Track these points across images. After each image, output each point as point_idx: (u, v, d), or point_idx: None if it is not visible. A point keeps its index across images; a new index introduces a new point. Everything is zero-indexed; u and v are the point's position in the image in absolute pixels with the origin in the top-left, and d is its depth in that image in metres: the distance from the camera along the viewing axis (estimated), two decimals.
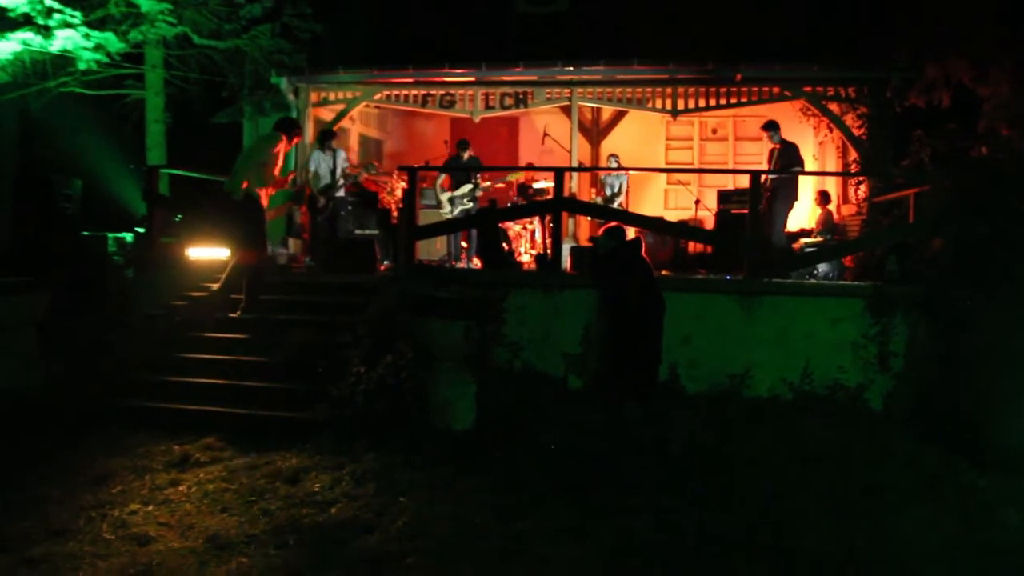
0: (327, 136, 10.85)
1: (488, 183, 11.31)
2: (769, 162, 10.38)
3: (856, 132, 10.74)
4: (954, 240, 7.57)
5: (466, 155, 11.11)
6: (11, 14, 11.12)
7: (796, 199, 10.19)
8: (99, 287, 8.88)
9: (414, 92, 11.94)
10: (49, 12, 11.07)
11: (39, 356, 7.43)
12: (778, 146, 10.18)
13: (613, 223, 8.02)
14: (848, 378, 7.70)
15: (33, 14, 11.11)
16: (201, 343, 7.87)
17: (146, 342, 7.97)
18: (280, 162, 8.26)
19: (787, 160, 10.01)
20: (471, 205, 11.05)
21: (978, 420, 6.68)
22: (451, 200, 11.13)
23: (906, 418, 7.33)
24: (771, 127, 10.27)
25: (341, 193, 10.61)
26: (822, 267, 9.74)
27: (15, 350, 7.24)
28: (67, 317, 8.11)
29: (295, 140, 8.74)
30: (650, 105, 11.57)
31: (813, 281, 9.01)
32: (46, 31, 11.21)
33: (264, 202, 8.26)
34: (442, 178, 11.34)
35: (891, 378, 7.69)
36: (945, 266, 7.58)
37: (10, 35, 11.19)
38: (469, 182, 11.06)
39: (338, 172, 10.60)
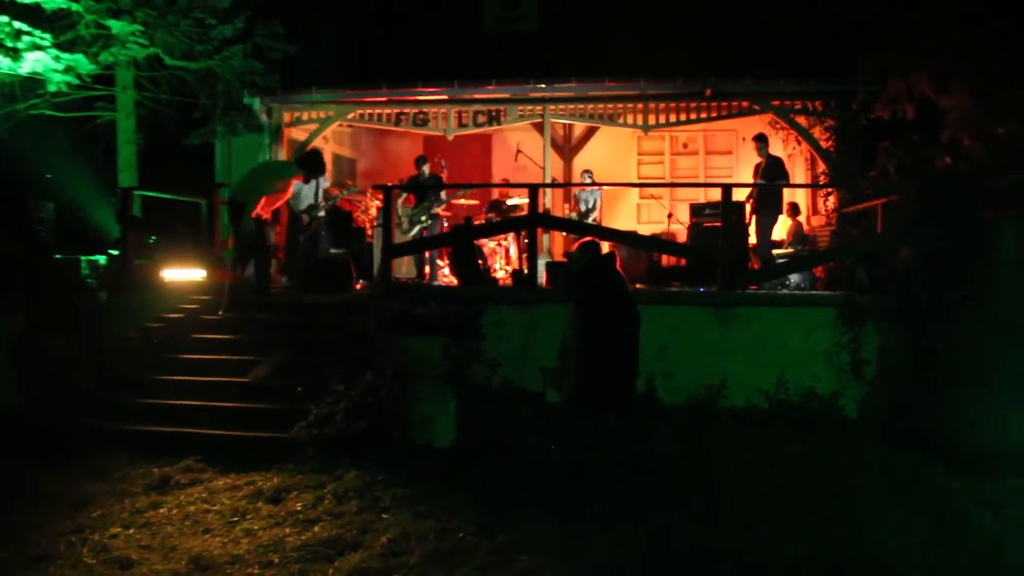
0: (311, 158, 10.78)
1: (446, 200, 11.26)
2: (755, 176, 10.56)
3: (824, 145, 10.97)
4: (920, 249, 7.73)
5: (426, 170, 11.11)
6: None
7: (781, 211, 10.38)
8: (73, 310, 8.80)
9: (387, 111, 12.00)
10: (18, 34, 11.04)
11: (14, 379, 7.36)
12: (763, 160, 10.35)
13: (587, 238, 8.11)
14: (822, 386, 7.83)
15: (2, 36, 11.06)
16: (179, 365, 7.83)
17: (123, 364, 7.93)
18: (288, 194, 8.77)
19: (772, 174, 10.18)
20: (428, 223, 11.01)
21: (949, 424, 6.82)
22: (409, 218, 11.06)
23: (880, 424, 7.46)
24: (760, 139, 10.43)
25: (322, 213, 10.59)
26: (794, 278, 9.90)
27: None
28: (43, 341, 8.03)
29: (313, 178, 9.20)
30: (621, 121, 11.73)
31: (785, 292, 9.15)
32: (15, 53, 11.17)
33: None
34: (404, 196, 11.24)
35: (864, 385, 7.82)
36: (912, 274, 7.74)
37: None
38: (427, 200, 11.03)
39: (320, 193, 10.58)
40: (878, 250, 8.59)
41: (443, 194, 11.03)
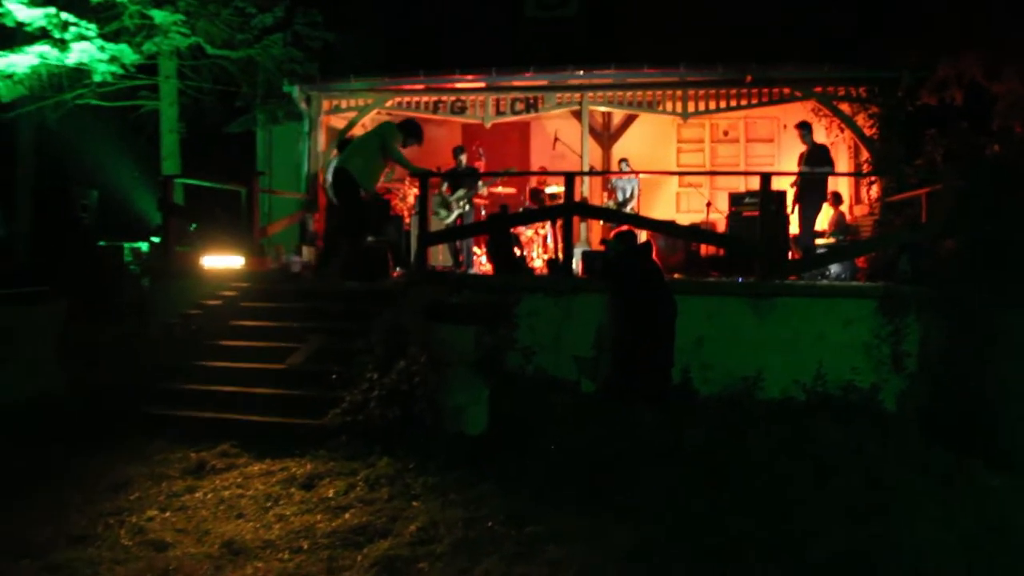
0: (347, 144, 10.84)
1: (483, 189, 11.27)
2: (800, 165, 10.38)
3: (868, 132, 10.74)
4: (966, 239, 7.54)
5: (463, 160, 11.12)
6: (28, 28, 11.31)
7: (825, 200, 10.18)
8: (116, 296, 8.98)
9: (425, 99, 12.01)
10: (65, 26, 11.26)
11: (57, 365, 7.53)
12: (808, 147, 10.16)
13: (624, 227, 8.04)
14: (861, 379, 7.68)
15: (50, 28, 11.30)
16: (217, 351, 7.93)
17: (163, 350, 8.04)
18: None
19: (816, 161, 9.99)
20: (467, 209, 11.03)
21: (992, 420, 6.66)
22: (446, 204, 11.07)
23: (920, 418, 7.30)
24: (803, 126, 10.25)
25: None
26: (834, 268, 9.73)
27: (35, 358, 7.35)
28: (85, 326, 8.21)
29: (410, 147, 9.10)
30: (661, 108, 11.60)
31: (825, 282, 9.00)
32: (62, 44, 11.39)
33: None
34: (444, 186, 11.28)
35: (905, 378, 7.66)
36: (958, 266, 7.54)
37: (27, 49, 11.38)
38: (464, 187, 11.03)
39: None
40: (922, 240, 8.40)
41: (480, 183, 11.03)
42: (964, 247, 7.56)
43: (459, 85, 11.80)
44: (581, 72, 11.38)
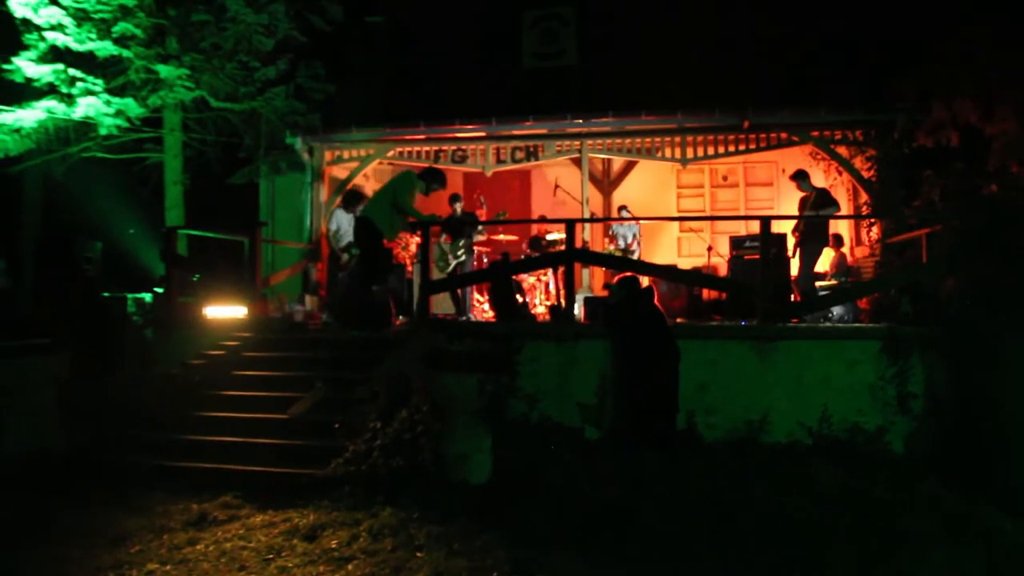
0: (354, 197, 10.94)
1: (482, 235, 11.33)
2: (801, 209, 10.43)
3: (866, 175, 10.81)
4: (967, 279, 7.55)
5: (458, 208, 11.22)
6: (36, 84, 11.50)
7: (825, 244, 10.20)
8: (119, 347, 8.99)
9: (426, 148, 12.14)
10: (73, 81, 11.48)
11: (59, 416, 7.51)
12: (810, 194, 10.20)
13: (626, 273, 8.07)
14: (867, 421, 7.64)
15: (57, 83, 11.52)
16: (219, 401, 7.91)
17: (165, 401, 8.02)
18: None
19: (821, 203, 10.01)
20: (464, 258, 11.08)
21: (1001, 462, 6.60)
22: (444, 254, 11.13)
23: (928, 460, 7.25)
24: (800, 176, 10.26)
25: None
26: (837, 310, 9.73)
27: (35, 410, 7.33)
28: (88, 377, 8.20)
29: (433, 191, 9.28)
30: (660, 154, 11.70)
31: (828, 324, 8.99)
32: (69, 99, 11.59)
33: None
34: (443, 236, 11.35)
35: (911, 420, 7.62)
36: (960, 306, 7.55)
37: (35, 104, 11.58)
38: (462, 237, 11.09)
39: None
40: (923, 280, 8.41)
41: (478, 230, 11.11)
42: (965, 286, 7.57)
43: (460, 134, 11.93)
44: (580, 120, 11.51)
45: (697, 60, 11.80)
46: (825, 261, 11.74)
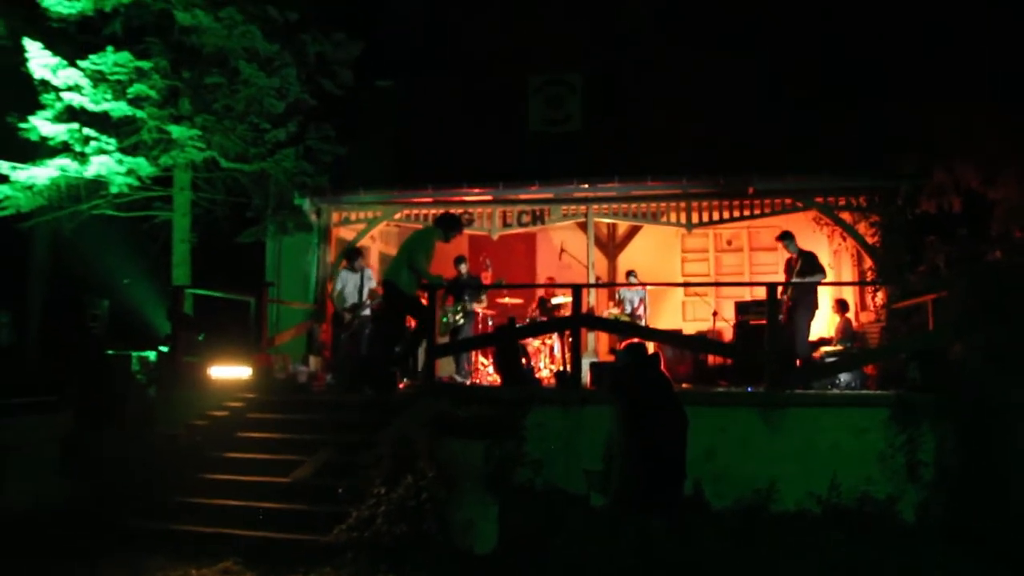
0: (355, 255, 11.01)
1: (483, 299, 11.35)
2: (786, 272, 10.46)
3: (870, 240, 10.86)
4: (975, 345, 7.53)
5: (463, 270, 11.28)
6: (51, 142, 11.68)
7: (817, 308, 10.20)
8: (122, 406, 8.97)
9: (433, 211, 12.21)
10: (87, 140, 11.65)
11: (62, 475, 7.45)
12: (795, 256, 10.27)
13: (634, 339, 8.06)
14: (877, 490, 7.54)
15: (71, 142, 11.69)
16: (221, 463, 7.85)
17: (167, 462, 7.97)
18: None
19: (807, 269, 10.06)
20: (461, 321, 11.08)
21: (1015, 530, 6.49)
22: (448, 317, 11.15)
23: (941, 530, 7.13)
24: (786, 237, 10.37)
25: (367, 312, 10.72)
26: (844, 376, 9.68)
27: (39, 467, 7.29)
28: (91, 436, 8.17)
29: (451, 237, 9.41)
30: (665, 219, 11.78)
31: (836, 391, 8.95)
32: (82, 157, 11.76)
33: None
34: (446, 298, 11.36)
35: (923, 488, 7.52)
36: (968, 372, 7.51)
37: (48, 162, 11.73)
38: (466, 299, 11.11)
39: (365, 290, 10.75)
40: (930, 347, 8.38)
41: (480, 297, 11.13)
42: (973, 353, 7.55)
43: (467, 197, 12.04)
44: (586, 185, 11.63)
45: (702, 125, 11.91)
46: (830, 326, 11.75)
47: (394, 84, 14.49)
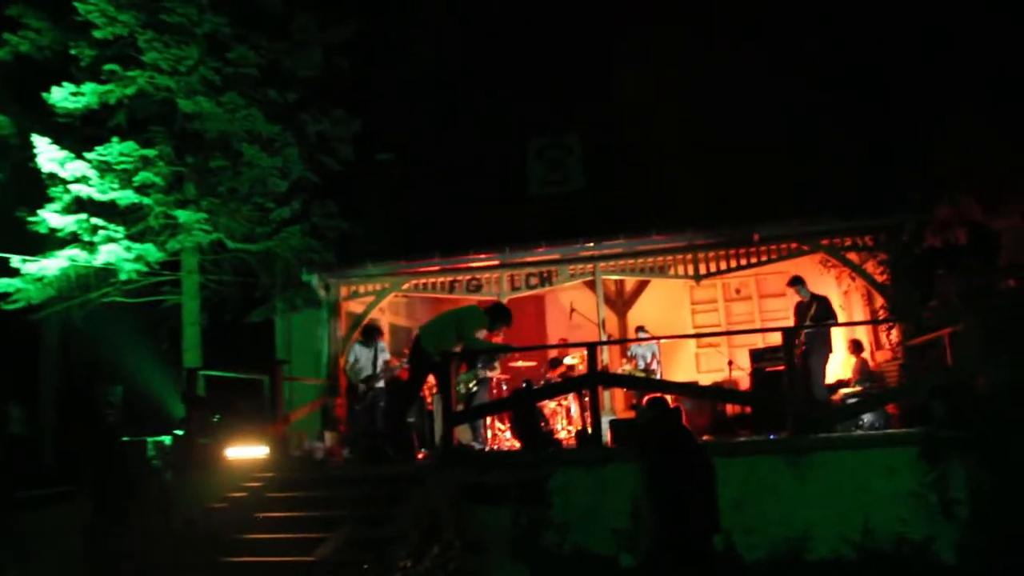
0: (372, 332, 11.02)
1: (496, 364, 11.27)
2: (795, 316, 10.42)
3: (879, 279, 10.83)
4: (998, 377, 7.45)
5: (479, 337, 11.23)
6: (59, 234, 11.82)
7: (831, 351, 10.13)
8: (140, 492, 8.88)
9: (441, 279, 12.27)
10: (95, 229, 11.79)
11: (81, 564, 7.33)
12: (805, 299, 10.24)
13: (655, 394, 7.99)
14: (913, 531, 7.38)
15: (80, 232, 11.83)
16: (242, 545, 7.71)
17: (186, 547, 7.83)
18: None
19: (819, 313, 10.02)
20: (475, 388, 10.99)
21: None
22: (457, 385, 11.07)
23: (983, 568, 6.95)
24: (797, 282, 10.36)
25: (381, 384, 10.68)
26: (867, 417, 9.57)
27: (59, 559, 7.17)
28: (110, 524, 8.06)
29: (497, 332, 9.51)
30: (672, 272, 11.79)
31: (860, 432, 8.83)
32: (91, 247, 11.89)
33: None
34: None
35: (959, 527, 7.35)
36: (994, 405, 7.42)
37: (58, 253, 11.86)
38: (479, 365, 11.05)
39: (379, 363, 10.73)
40: (951, 381, 8.29)
41: (494, 365, 11.06)
42: (996, 385, 7.47)
43: (473, 264, 12.08)
44: (591, 244, 11.66)
45: (702, 177, 12.03)
46: (847, 367, 11.65)
47: (394, 156, 14.70)
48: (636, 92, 13.44)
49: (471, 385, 10.96)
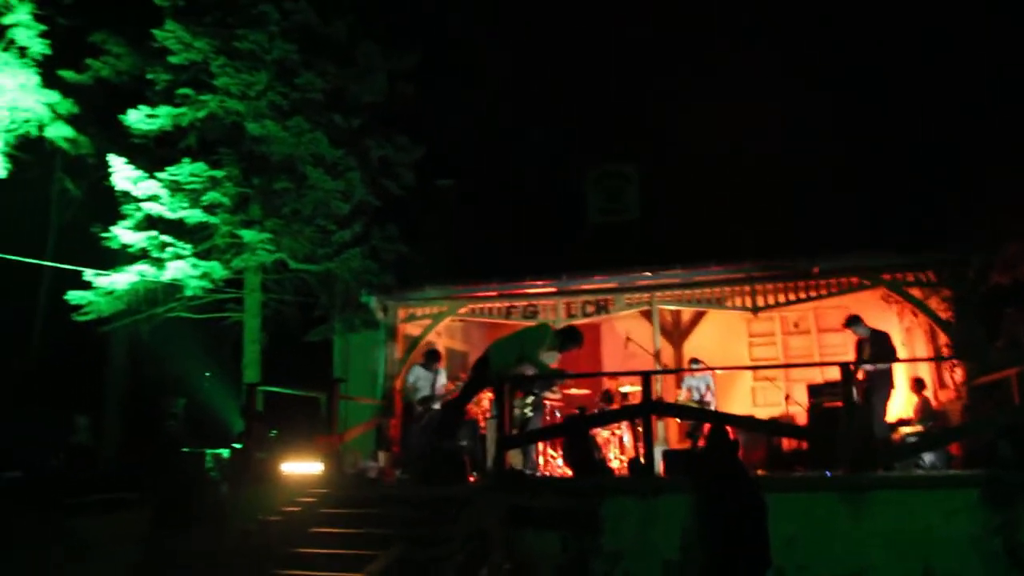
0: (433, 357, 11.17)
1: (553, 390, 11.26)
2: (856, 353, 10.23)
3: (943, 315, 10.58)
4: None
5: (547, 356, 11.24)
6: (130, 250, 12.24)
7: (893, 387, 9.93)
8: (198, 503, 9.08)
9: (497, 305, 12.35)
10: (163, 246, 12.18)
11: (134, 571, 7.51)
12: (865, 337, 10.06)
13: (714, 425, 7.92)
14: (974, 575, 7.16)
15: (150, 248, 12.24)
16: (295, 559, 7.81)
17: (241, 559, 7.97)
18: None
19: (878, 350, 9.84)
20: (530, 414, 10.98)
21: None
22: (519, 410, 11.08)
23: None
24: (853, 323, 10.17)
25: (437, 406, 10.78)
26: (928, 457, 9.35)
27: (110, 565, 7.35)
28: (169, 533, 8.25)
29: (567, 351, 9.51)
30: (729, 304, 11.67)
31: (921, 472, 8.62)
32: (159, 263, 12.27)
33: None
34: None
35: None
36: None
37: (128, 268, 12.27)
38: (536, 391, 11.05)
39: (438, 385, 10.86)
40: (1020, 422, 8.05)
41: (553, 388, 11.05)
42: None
43: (530, 291, 12.13)
44: (649, 273, 11.62)
45: (762, 207, 11.95)
46: (908, 405, 11.38)
47: (454, 182, 14.90)
48: (695, 122, 13.41)
49: (526, 410, 10.96)
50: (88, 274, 12.34)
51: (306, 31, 13.13)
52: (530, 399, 10.89)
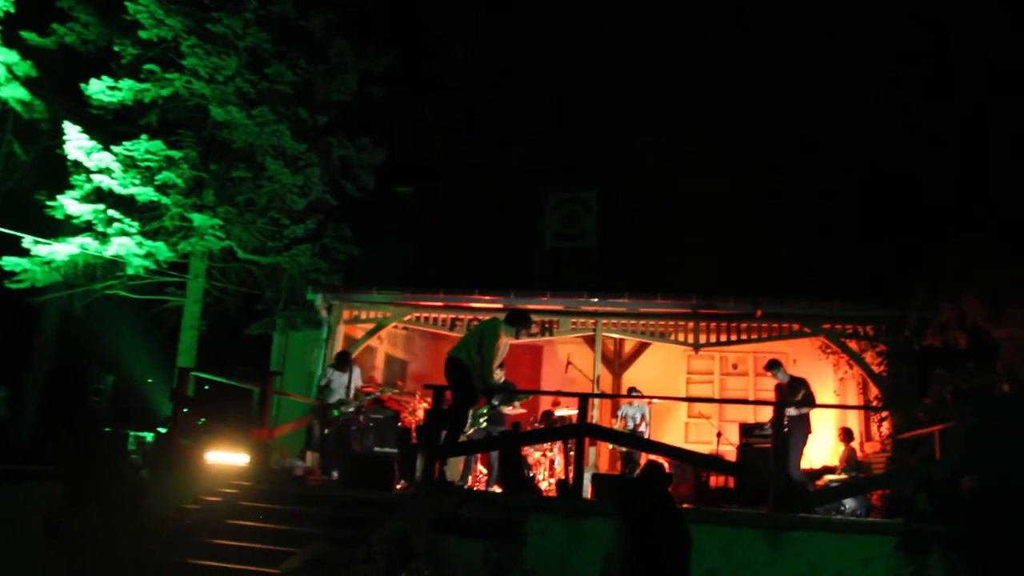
0: (344, 358, 11.06)
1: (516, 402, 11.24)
2: (777, 397, 10.40)
3: (876, 369, 10.87)
4: (986, 478, 7.43)
5: (500, 375, 11.20)
6: (75, 221, 11.94)
7: (810, 432, 10.11)
8: (114, 483, 8.81)
9: (443, 316, 12.32)
10: (110, 221, 11.92)
11: (42, 548, 7.25)
12: (784, 382, 10.22)
13: (653, 457, 7.98)
14: None
15: (95, 222, 11.96)
16: (210, 549, 7.63)
17: (153, 544, 7.76)
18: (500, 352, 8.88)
19: (800, 398, 10.00)
20: (483, 423, 10.94)
21: None
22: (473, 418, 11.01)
23: None
24: (773, 366, 10.34)
25: (351, 409, 10.67)
26: (849, 503, 9.53)
27: (17, 540, 7.10)
28: (78, 510, 7.99)
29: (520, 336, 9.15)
30: (672, 338, 11.84)
31: (840, 517, 8.76)
32: (103, 238, 12.00)
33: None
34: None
35: None
36: (979, 504, 7.38)
37: (70, 239, 11.95)
38: (495, 402, 11.00)
39: (351, 388, 10.74)
40: (937, 476, 8.25)
41: (515, 404, 11.00)
42: (984, 485, 7.44)
43: (477, 305, 12.13)
44: (596, 299, 11.74)
45: (713, 247, 12.16)
46: (834, 455, 11.61)
47: (414, 191, 14.87)
48: (658, 156, 13.66)
49: (481, 420, 10.90)
50: (27, 241, 11.98)
51: (282, 22, 13.09)
52: (486, 409, 10.84)
